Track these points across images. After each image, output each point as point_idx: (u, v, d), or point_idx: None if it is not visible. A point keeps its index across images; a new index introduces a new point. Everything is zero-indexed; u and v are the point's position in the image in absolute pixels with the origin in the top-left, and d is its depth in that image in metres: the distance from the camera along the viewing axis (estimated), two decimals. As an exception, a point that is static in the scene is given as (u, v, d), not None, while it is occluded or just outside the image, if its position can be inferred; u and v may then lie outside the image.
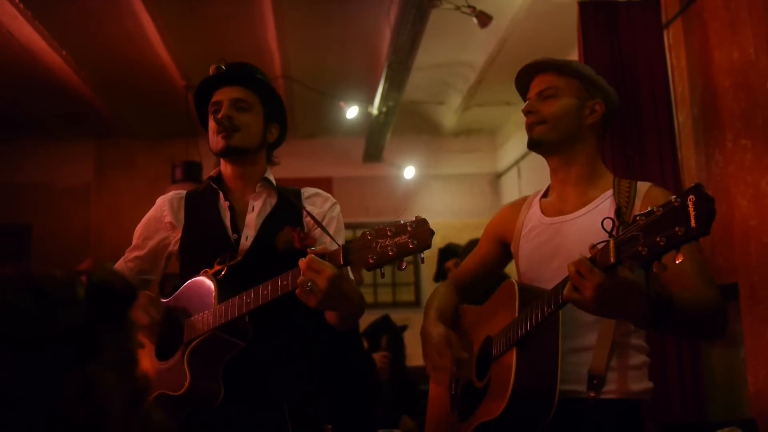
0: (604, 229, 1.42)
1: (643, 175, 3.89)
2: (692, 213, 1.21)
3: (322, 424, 2.12)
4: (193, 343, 1.84)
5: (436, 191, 7.76)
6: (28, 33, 4.89)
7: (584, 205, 1.85)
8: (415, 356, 5.23)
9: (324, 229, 1.97)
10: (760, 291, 3.27)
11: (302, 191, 2.13)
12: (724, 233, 3.50)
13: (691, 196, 1.23)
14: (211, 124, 2.08)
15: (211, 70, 2.12)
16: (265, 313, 1.88)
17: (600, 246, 1.42)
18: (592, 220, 1.78)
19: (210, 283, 1.89)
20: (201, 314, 1.86)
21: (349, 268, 1.91)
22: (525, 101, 1.95)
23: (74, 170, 7.51)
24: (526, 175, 7.02)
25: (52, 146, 7.42)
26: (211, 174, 2.16)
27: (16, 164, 7.25)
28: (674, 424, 3.60)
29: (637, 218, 1.31)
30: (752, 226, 3.31)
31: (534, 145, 1.89)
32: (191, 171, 5.86)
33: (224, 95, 2.08)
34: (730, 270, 3.53)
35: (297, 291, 1.65)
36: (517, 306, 1.74)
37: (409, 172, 7.46)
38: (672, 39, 4.11)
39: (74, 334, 0.78)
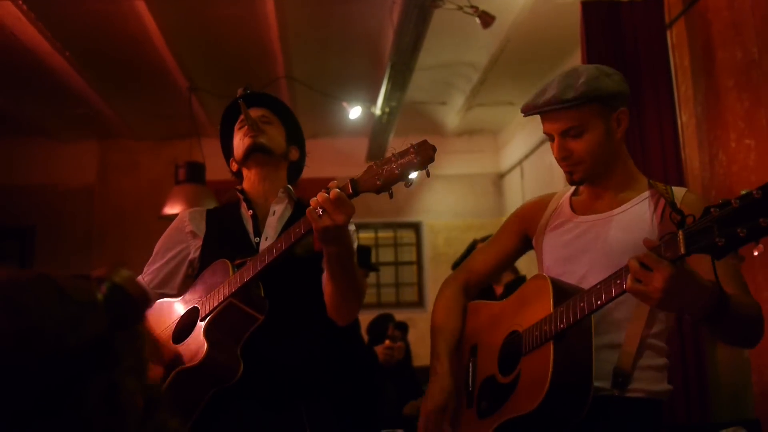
0: (672, 221, 1.42)
1: (646, 173, 3.88)
2: None
3: (338, 424, 2.13)
4: (211, 315, 1.87)
5: (439, 191, 7.76)
6: (31, 34, 4.90)
7: (620, 204, 1.84)
8: (418, 356, 5.23)
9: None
10: (764, 291, 3.27)
11: (312, 200, 2.17)
12: (728, 233, 3.49)
13: None
14: (238, 135, 2.18)
15: (239, 92, 2.21)
16: (284, 314, 1.92)
17: (665, 238, 1.42)
18: (630, 219, 1.79)
19: (225, 265, 1.95)
20: (216, 290, 1.91)
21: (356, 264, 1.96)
22: (544, 132, 1.87)
23: (77, 171, 7.52)
24: (529, 175, 7.02)
25: (55, 148, 7.43)
26: (236, 187, 2.23)
27: (19, 166, 7.26)
28: (678, 424, 3.60)
29: (711, 210, 1.30)
30: (756, 226, 3.31)
31: (578, 184, 1.89)
32: (194, 172, 5.86)
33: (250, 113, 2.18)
34: (734, 270, 3.53)
35: (307, 211, 1.72)
36: (551, 301, 1.72)
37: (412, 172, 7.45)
38: (675, 38, 4.11)
39: (97, 341, 0.78)
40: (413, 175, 1.64)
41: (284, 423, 1.93)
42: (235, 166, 2.24)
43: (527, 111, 1.86)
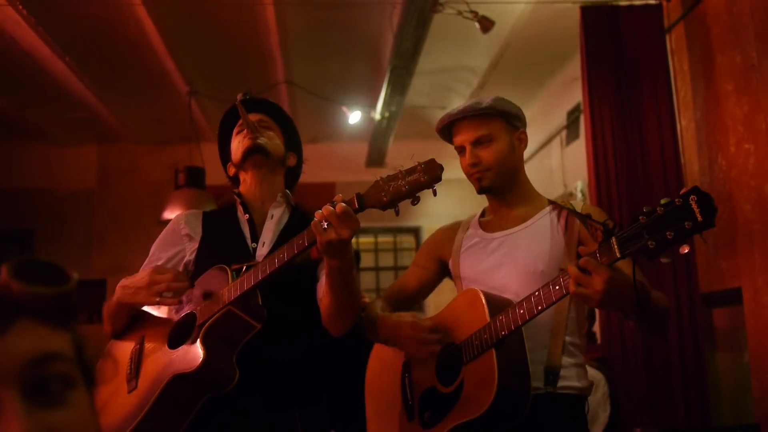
0: (603, 225, 1.58)
1: (646, 179, 3.89)
2: (697, 209, 1.39)
3: (330, 430, 2.13)
4: (209, 322, 1.86)
5: (439, 196, 7.63)
6: (31, 39, 4.90)
7: (525, 219, 2.04)
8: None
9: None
10: (763, 295, 3.27)
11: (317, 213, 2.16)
12: (728, 237, 3.50)
13: (692, 196, 1.41)
14: (237, 139, 2.18)
15: (238, 97, 2.21)
16: (279, 321, 1.91)
17: (601, 245, 1.57)
18: (537, 230, 2.00)
19: (224, 271, 1.94)
20: (215, 295, 1.90)
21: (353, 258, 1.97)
22: (455, 147, 2.13)
23: (77, 175, 7.51)
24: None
25: (55, 151, 7.43)
26: (233, 189, 2.22)
27: (19, 169, 7.25)
28: (678, 428, 3.60)
29: (639, 218, 1.47)
30: (755, 230, 3.31)
31: (485, 191, 2.09)
32: (194, 176, 5.86)
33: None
34: (734, 274, 3.53)
35: (312, 224, 1.71)
36: (486, 311, 1.85)
37: (412, 176, 7.46)
38: (674, 43, 4.12)
39: None
40: (420, 192, 1.67)
41: (278, 426, 1.92)
42: (232, 171, 2.23)
43: (442, 123, 2.12)
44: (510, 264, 1.99)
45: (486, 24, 4.45)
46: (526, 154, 2.20)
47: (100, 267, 7.04)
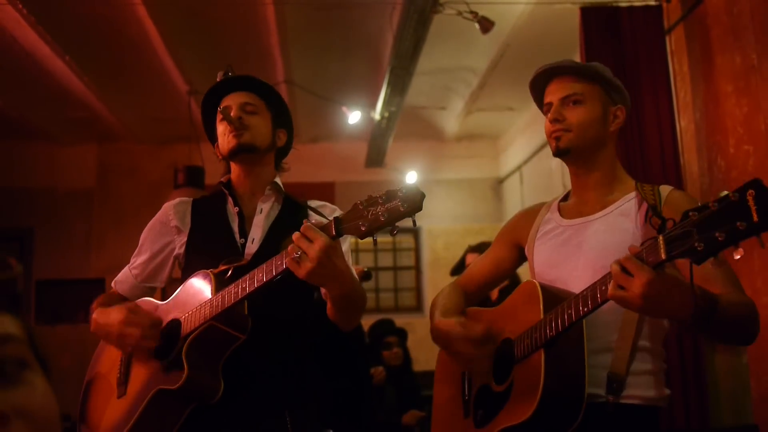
0: (651, 225, 1.42)
1: (646, 179, 3.89)
2: (753, 207, 1.19)
3: (324, 430, 2.11)
4: (191, 336, 1.82)
5: (439, 196, 7.76)
6: (31, 38, 4.90)
7: (605, 207, 1.84)
8: (418, 361, 5.22)
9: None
10: (762, 296, 3.27)
11: (309, 203, 2.12)
12: (727, 238, 3.50)
13: (750, 191, 1.21)
14: (221, 127, 2.10)
15: (219, 76, 2.15)
16: (268, 321, 1.89)
17: (647, 243, 1.40)
18: (614, 221, 1.79)
19: (207, 280, 1.89)
20: (198, 308, 1.85)
21: (351, 257, 1.96)
22: (541, 105, 1.93)
23: (77, 174, 7.51)
24: (528, 180, 7.02)
25: (55, 150, 7.43)
26: (221, 180, 2.16)
27: (18, 168, 7.25)
28: (677, 429, 3.60)
29: (690, 214, 1.29)
30: (755, 232, 3.31)
31: (561, 154, 1.87)
32: (194, 176, 5.86)
33: (232, 100, 2.11)
34: (733, 275, 3.53)
35: (286, 260, 1.65)
36: (541, 307, 1.70)
37: (412, 177, 7.47)
38: (674, 44, 4.12)
39: None
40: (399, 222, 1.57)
41: (268, 430, 1.90)
42: (220, 153, 2.16)
43: (537, 73, 1.91)
44: (580, 256, 1.80)
45: (486, 24, 4.45)
46: (527, 153, 2.13)
47: (99, 266, 7.04)
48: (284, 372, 1.96)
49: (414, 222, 1.57)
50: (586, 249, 1.80)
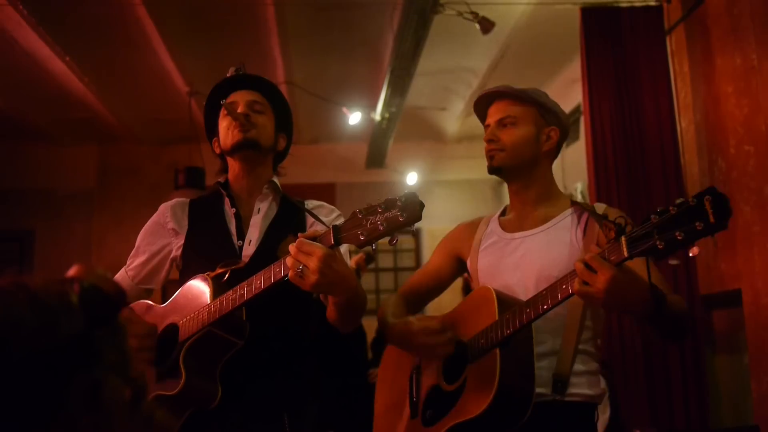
0: (605, 232, 1.56)
1: (646, 180, 3.89)
2: (710, 210, 1.35)
3: (329, 431, 2.11)
4: (189, 342, 1.82)
5: (439, 197, 7.75)
6: (32, 39, 4.90)
7: (545, 221, 1.98)
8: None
9: (325, 224, 1.95)
10: (763, 297, 3.27)
11: (306, 203, 2.12)
12: (727, 239, 3.50)
13: (707, 197, 1.36)
14: (224, 122, 2.09)
15: (230, 71, 2.15)
16: (266, 323, 1.88)
17: (608, 244, 1.53)
18: (554, 234, 1.95)
19: (205, 284, 1.88)
20: (196, 313, 1.84)
21: (350, 257, 1.95)
22: (484, 126, 2.08)
23: (77, 176, 7.51)
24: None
25: (55, 152, 7.43)
26: (219, 180, 2.15)
27: (19, 170, 7.25)
28: (677, 430, 3.59)
29: (651, 217, 1.43)
30: (755, 232, 3.31)
31: (494, 171, 2.03)
32: (194, 177, 5.87)
33: (240, 97, 2.11)
34: (733, 276, 3.53)
35: (289, 275, 1.64)
36: (496, 309, 1.81)
37: (412, 178, 7.46)
38: (674, 45, 4.12)
39: (75, 341, 0.78)
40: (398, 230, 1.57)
41: None
42: (218, 149, 2.15)
43: (479, 99, 2.09)
44: (526, 267, 1.93)
45: (486, 25, 4.45)
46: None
47: (100, 267, 7.04)
48: (282, 375, 1.95)
49: (413, 232, 1.57)
50: (528, 261, 1.94)
